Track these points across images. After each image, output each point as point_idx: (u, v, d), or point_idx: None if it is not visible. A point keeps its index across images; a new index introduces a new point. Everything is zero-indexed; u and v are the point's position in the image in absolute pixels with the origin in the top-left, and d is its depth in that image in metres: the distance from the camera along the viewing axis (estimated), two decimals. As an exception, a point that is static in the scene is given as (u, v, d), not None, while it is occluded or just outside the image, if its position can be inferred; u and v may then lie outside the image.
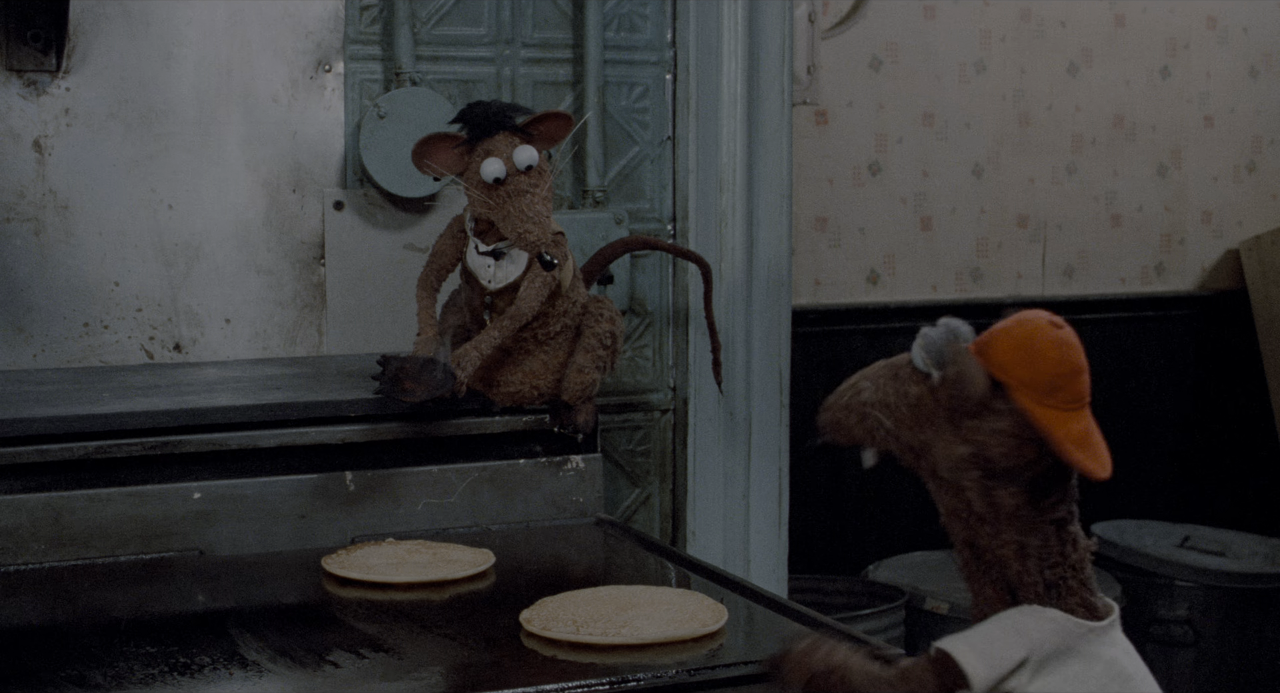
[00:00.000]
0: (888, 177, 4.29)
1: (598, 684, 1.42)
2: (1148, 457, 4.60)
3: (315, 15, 2.28)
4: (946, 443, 1.29)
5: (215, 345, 2.24)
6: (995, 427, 1.27)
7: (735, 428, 2.40)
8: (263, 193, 2.28)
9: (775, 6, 2.39)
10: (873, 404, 1.35)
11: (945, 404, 1.28)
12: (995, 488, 1.28)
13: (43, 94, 2.16)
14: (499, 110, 1.90)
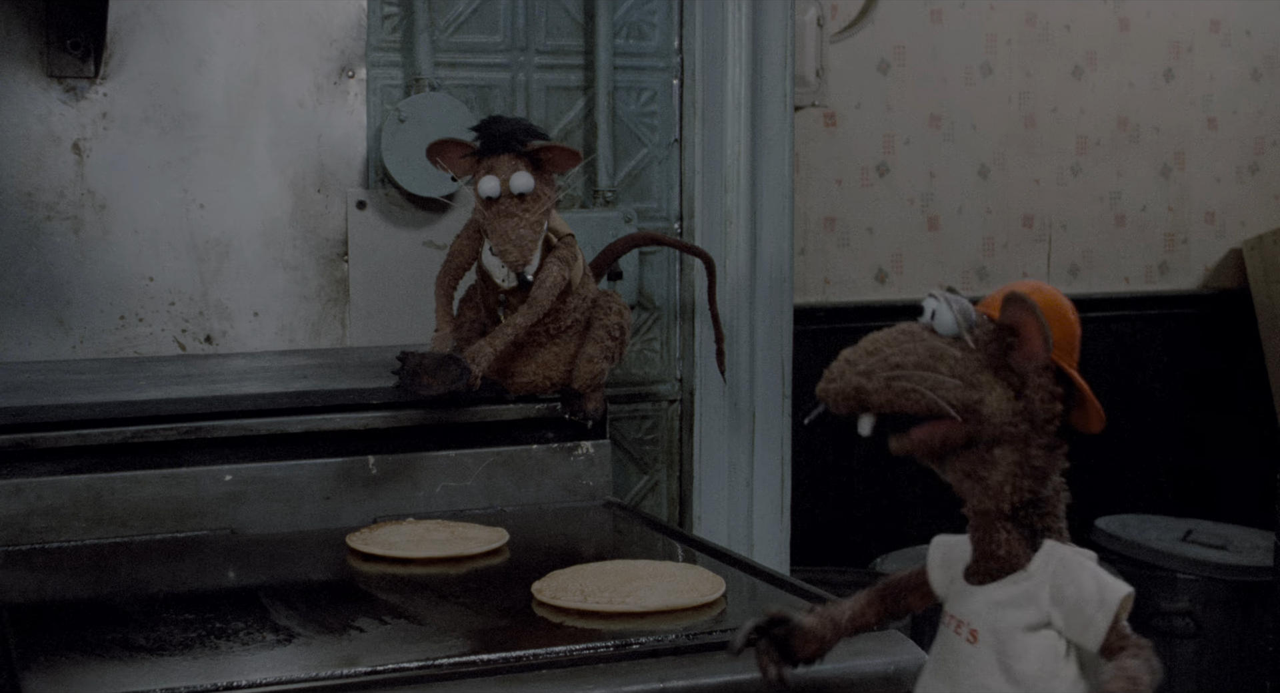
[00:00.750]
0: (895, 177, 4.37)
1: (602, 647, 1.54)
2: (1152, 452, 4.67)
3: (339, 24, 2.38)
4: (999, 399, 1.32)
5: (244, 338, 2.36)
6: (1040, 381, 1.32)
7: (739, 418, 2.52)
8: (289, 193, 2.38)
9: (778, 15, 2.50)
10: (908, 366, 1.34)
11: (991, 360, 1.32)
12: (1032, 441, 1.33)
13: (81, 99, 2.28)
14: (510, 132, 1.99)
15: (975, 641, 1.33)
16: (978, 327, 1.31)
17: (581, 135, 2.48)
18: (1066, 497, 1.35)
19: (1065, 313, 1.32)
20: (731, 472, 2.49)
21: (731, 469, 2.49)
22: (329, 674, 1.47)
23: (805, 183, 4.24)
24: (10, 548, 1.94)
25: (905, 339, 1.34)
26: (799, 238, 4.23)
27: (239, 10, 2.33)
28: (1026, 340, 1.30)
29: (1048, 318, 1.29)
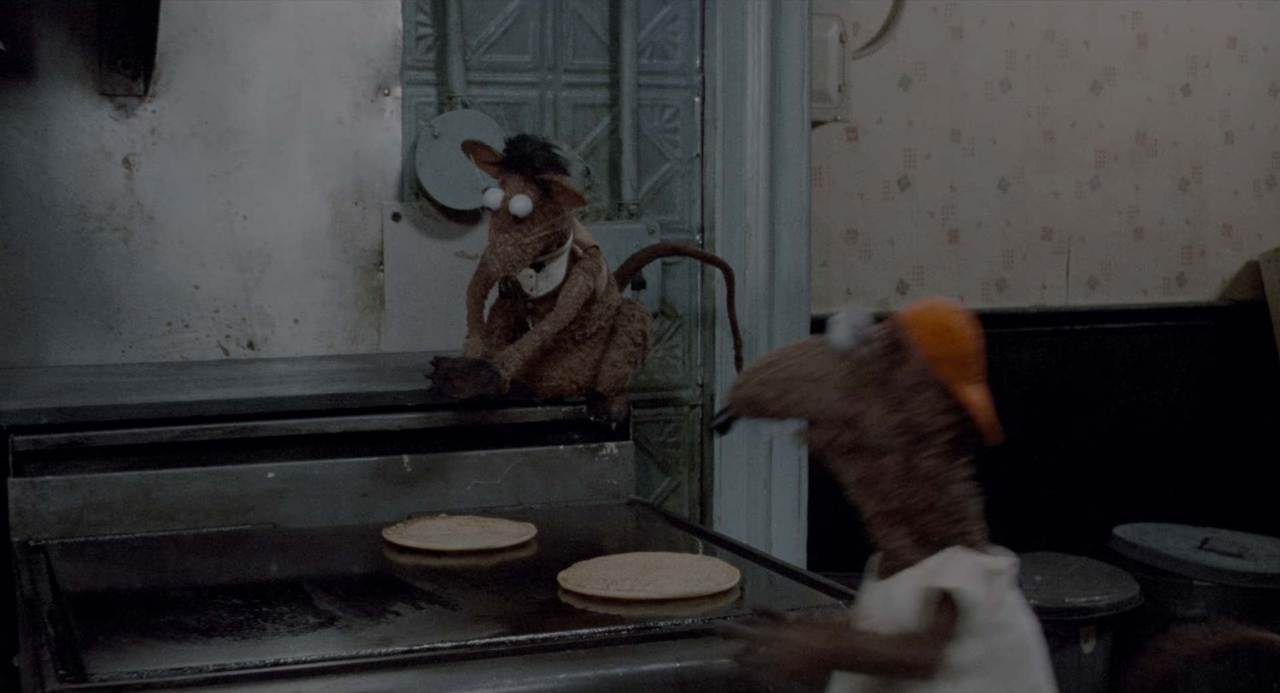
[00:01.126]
0: (916, 191, 4.42)
1: (623, 630, 1.66)
2: (1169, 461, 4.73)
3: (376, 44, 2.52)
4: (880, 412, 1.42)
5: (284, 343, 2.49)
6: (923, 396, 1.41)
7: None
8: (328, 205, 2.51)
9: (796, 34, 2.62)
10: (797, 378, 1.45)
11: (879, 375, 1.42)
12: (918, 452, 1.42)
13: (131, 116, 2.41)
14: (529, 155, 2.08)
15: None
16: (867, 344, 1.42)
17: (607, 150, 2.61)
18: (978, 502, 1.44)
19: (956, 332, 1.41)
20: (750, 473, 2.61)
21: (750, 471, 2.61)
22: (368, 654, 1.59)
23: (828, 196, 4.33)
24: (66, 540, 2.07)
25: (801, 353, 1.46)
26: (821, 250, 4.32)
27: (281, 32, 2.46)
28: (903, 357, 1.40)
29: (938, 337, 1.39)
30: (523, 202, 2.08)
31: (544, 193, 2.08)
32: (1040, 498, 4.60)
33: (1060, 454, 4.61)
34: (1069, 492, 4.63)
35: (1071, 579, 4.11)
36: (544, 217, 2.10)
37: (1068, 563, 4.27)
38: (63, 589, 1.85)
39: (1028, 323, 4.53)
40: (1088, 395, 4.64)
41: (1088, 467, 4.65)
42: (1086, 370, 4.63)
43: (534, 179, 2.09)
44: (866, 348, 1.43)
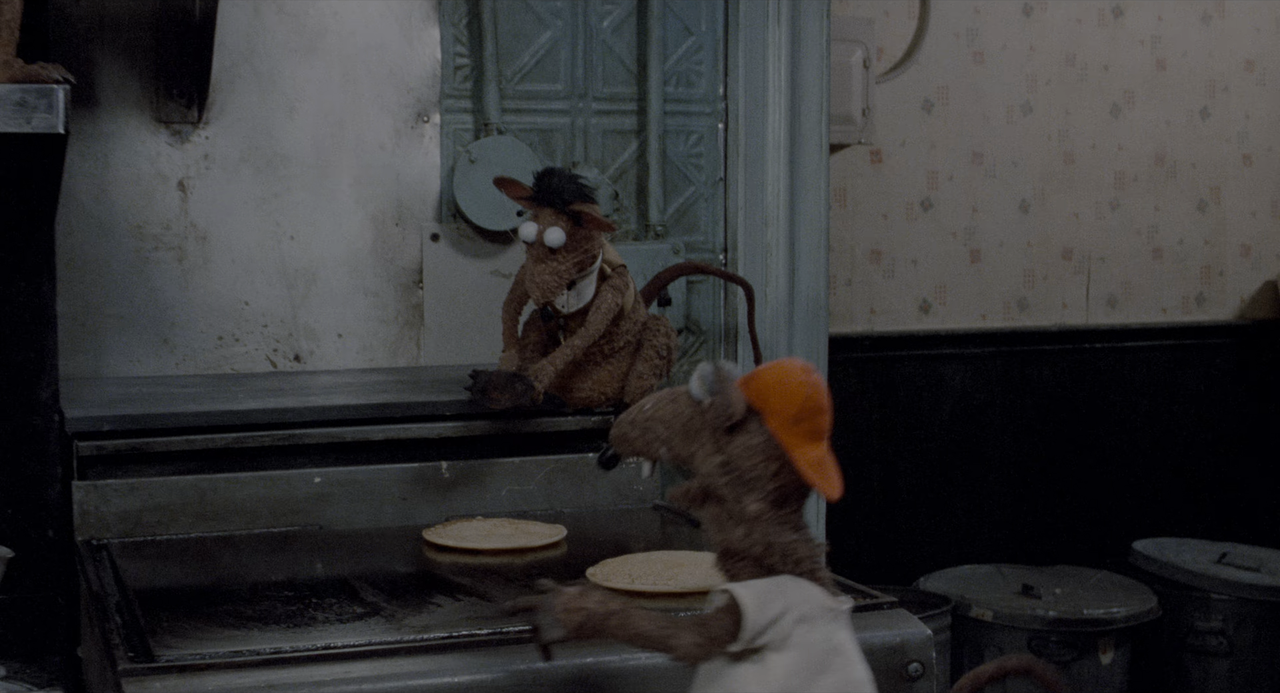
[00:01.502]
0: (939, 212, 4.58)
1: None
2: (1189, 477, 4.85)
3: (416, 74, 2.67)
4: (706, 453, 1.55)
5: (329, 356, 2.64)
6: (747, 443, 1.53)
7: (778, 433, 2.78)
8: (370, 226, 2.67)
9: (814, 64, 2.77)
10: (654, 420, 1.61)
11: (710, 422, 1.55)
12: (744, 495, 1.54)
13: (186, 142, 2.58)
14: (559, 189, 2.21)
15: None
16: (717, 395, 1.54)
17: (635, 174, 2.76)
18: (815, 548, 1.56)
19: (791, 391, 1.53)
20: (771, 482, 2.76)
21: (771, 480, 2.76)
22: (410, 639, 1.74)
23: (852, 217, 4.47)
24: (126, 540, 2.22)
25: (668, 400, 1.61)
26: (846, 269, 4.46)
27: (326, 62, 2.63)
28: (720, 403, 1.53)
29: (771, 394, 1.52)
30: (556, 234, 2.23)
31: (575, 222, 2.22)
32: (1061, 512, 4.72)
33: (1081, 470, 4.74)
34: (1090, 506, 4.75)
35: (1091, 592, 4.24)
36: (576, 244, 2.24)
37: (1087, 576, 4.40)
38: (126, 583, 2.00)
39: (1048, 341, 4.67)
40: (1108, 412, 4.77)
41: (1108, 482, 4.78)
42: (1107, 388, 4.76)
43: (564, 211, 2.23)
44: (715, 397, 1.54)
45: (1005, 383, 4.64)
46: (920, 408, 4.56)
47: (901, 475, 4.54)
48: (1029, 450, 4.69)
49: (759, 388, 1.54)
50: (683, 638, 1.54)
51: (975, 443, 4.63)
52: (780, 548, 1.54)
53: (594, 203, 2.24)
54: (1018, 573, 4.37)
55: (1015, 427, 4.67)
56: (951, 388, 4.59)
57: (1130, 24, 4.71)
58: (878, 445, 4.52)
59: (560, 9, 2.71)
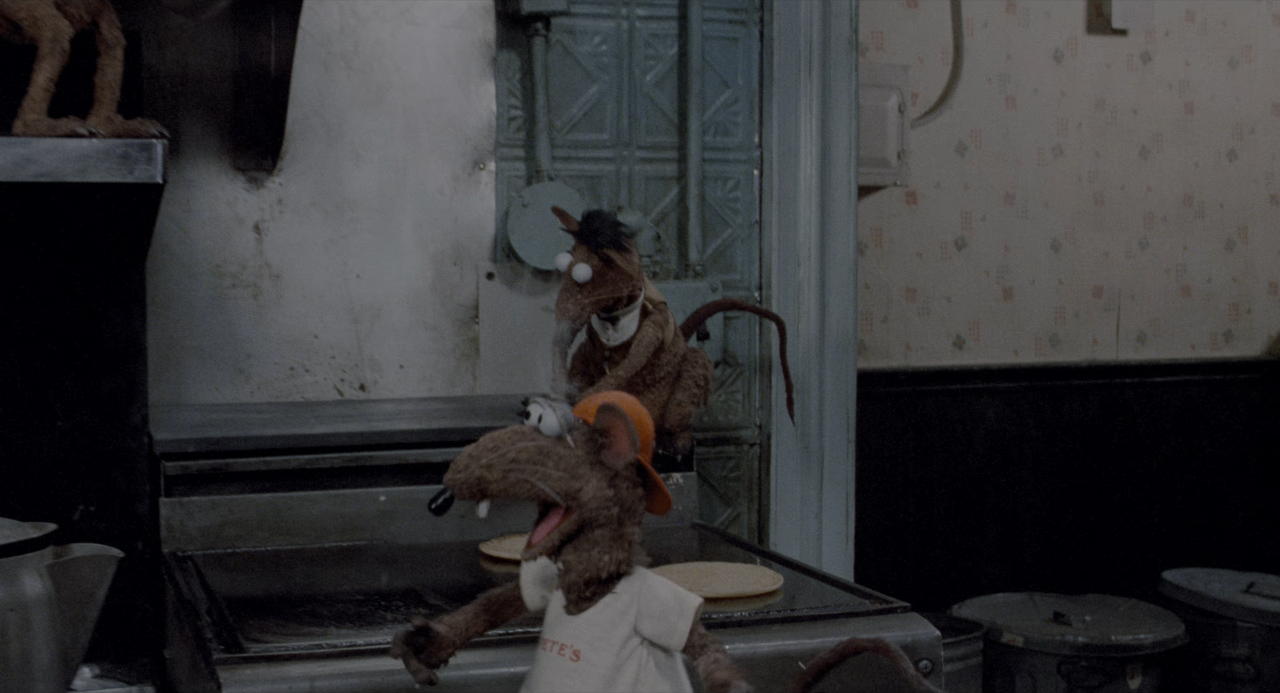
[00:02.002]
0: (972, 251, 4.70)
1: (683, 620, 2.03)
2: (1218, 509, 4.97)
3: (473, 125, 2.86)
4: (596, 489, 1.59)
5: (391, 386, 2.83)
6: (626, 474, 1.61)
7: (810, 459, 2.99)
8: (430, 266, 2.85)
9: (844, 115, 2.98)
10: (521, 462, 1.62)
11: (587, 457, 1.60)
12: (626, 521, 1.62)
13: (261, 188, 2.77)
14: (596, 231, 2.37)
15: (578, 659, 1.61)
16: (576, 429, 1.61)
17: (675, 217, 2.97)
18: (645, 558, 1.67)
19: (644, 418, 1.63)
20: (803, 505, 2.97)
21: (803, 503, 2.97)
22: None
23: (888, 256, 4.60)
24: (208, 552, 2.45)
25: (519, 438, 1.62)
26: (882, 306, 4.62)
27: (390, 114, 2.82)
28: (616, 442, 1.59)
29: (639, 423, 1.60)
30: (583, 270, 2.40)
31: (605, 263, 2.40)
32: (1093, 543, 4.84)
33: (1112, 501, 4.86)
34: (1120, 537, 4.87)
35: (1120, 619, 4.39)
36: (602, 283, 2.40)
37: (1117, 604, 4.55)
38: (213, 589, 2.22)
39: (1079, 376, 4.81)
40: (1138, 446, 4.89)
41: (1138, 513, 4.90)
42: (1136, 422, 4.89)
43: (596, 252, 2.40)
44: (577, 432, 1.61)
45: (1037, 417, 4.78)
46: (954, 441, 4.71)
47: (936, 506, 4.69)
48: (1061, 482, 4.82)
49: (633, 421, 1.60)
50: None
51: (1008, 475, 4.77)
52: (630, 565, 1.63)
53: (626, 251, 2.40)
54: (1049, 601, 4.52)
55: (1047, 459, 4.80)
56: (985, 422, 4.74)
57: (1159, 69, 4.86)
58: (913, 477, 4.68)
59: (606, 64, 2.91)
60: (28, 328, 2.43)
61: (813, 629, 2.02)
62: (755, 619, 2.03)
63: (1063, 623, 4.30)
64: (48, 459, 2.44)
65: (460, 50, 2.85)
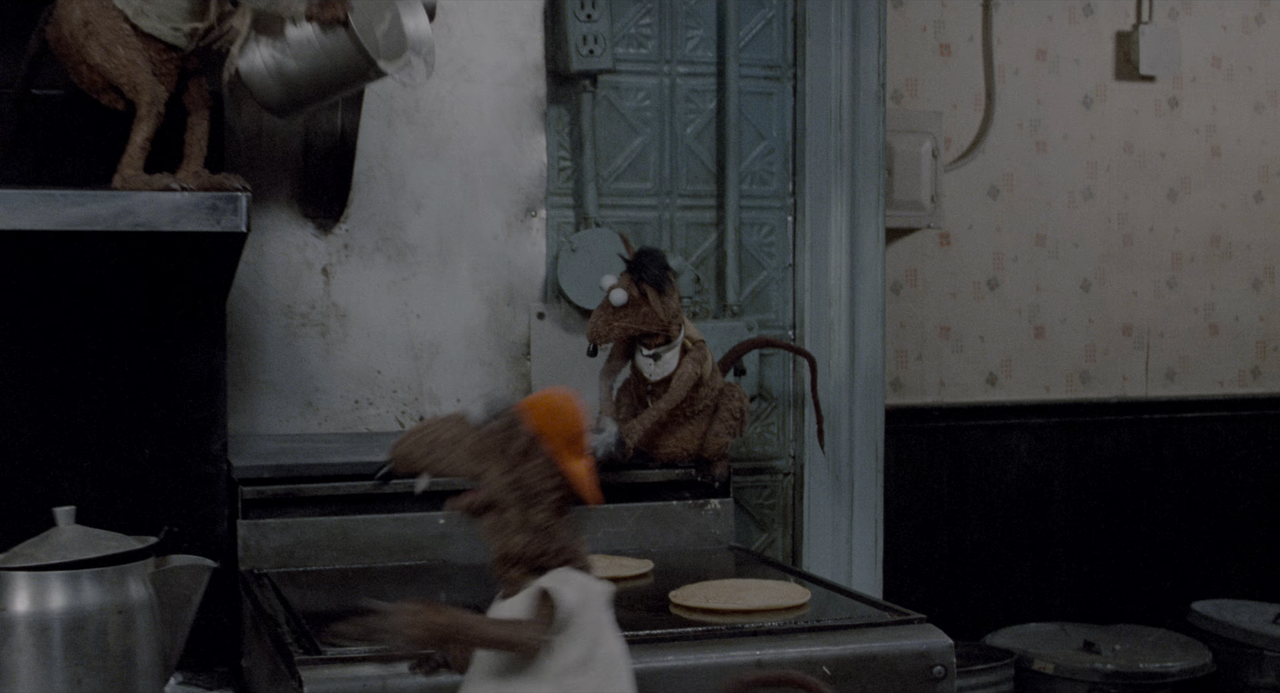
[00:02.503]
0: (1005, 291, 4.83)
1: (717, 628, 2.25)
2: (1246, 542, 5.08)
3: (525, 175, 3.03)
4: (496, 473, 1.75)
5: None
6: (531, 463, 1.74)
7: (840, 487, 3.21)
8: (485, 306, 3.02)
9: (872, 164, 3.19)
10: (440, 442, 1.79)
11: (497, 444, 1.75)
12: (530, 507, 1.75)
13: (329, 234, 2.96)
14: (646, 265, 2.62)
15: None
16: (497, 419, 1.76)
17: (714, 261, 3.16)
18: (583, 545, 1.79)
19: (564, 414, 1.76)
20: (834, 531, 3.19)
21: (834, 529, 3.19)
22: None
23: (922, 296, 4.75)
24: (282, 569, 2.67)
25: (449, 424, 1.80)
26: (917, 344, 4.76)
27: (448, 165, 3.01)
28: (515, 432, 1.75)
29: (548, 417, 1.75)
30: (620, 294, 2.63)
31: (641, 297, 2.62)
32: (1123, 575, 4.96)
33: (1141, 534, 4.97)
34: (1150, 569, 4.98)
35: (1148, 648, 4.52)
36: (633, 314, 2.63)
37: (1146, 634, 4.69)
38: (289, 602, 2.46)
39: (1109, 412, 4.92)
40: (1167, 480, 5.01)
41: (1167, 546, 5.00)
42: (1165, 457, 5.02)
43: (638, 284, 2.64)
44: (495, 422, 1.77)
45: (1068, 452, 4.92)
46: (987, 475, 4.86)
47: (970, 538, 4.83)
48: (1091, 516, 4.96)
49: (539, 415, 1.76)
50: (524, 631, 1.72)
51: (1040, 508, 4.91)
52: (556, 550, 1.77)
53: (664, 293, 2.62)
54: (1080, 631, 4.65)
55: (1078, 493, 4.95)
56: (1017, 456, 4.88)
57: (1186, 114, 5.00)
58: (948, 510, 4.83)
59: (649, 118, 3.12)
60: (120, 363, 2.67)
61: (836, 638, 2.24)
62: (784, 629, 2.26)
63: (1092, 651, 4.45)
64: (137, 484, 2.67)
65: (514, 106, 3.06)
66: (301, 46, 2.44)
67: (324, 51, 2.43)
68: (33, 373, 2.61)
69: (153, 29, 2.38)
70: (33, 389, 2.62)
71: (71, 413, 2.63)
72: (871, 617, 2.33)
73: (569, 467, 1.76)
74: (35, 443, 2.61)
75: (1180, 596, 4.95)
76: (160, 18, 2.37)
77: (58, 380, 2.63)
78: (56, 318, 2.63)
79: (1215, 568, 5.09)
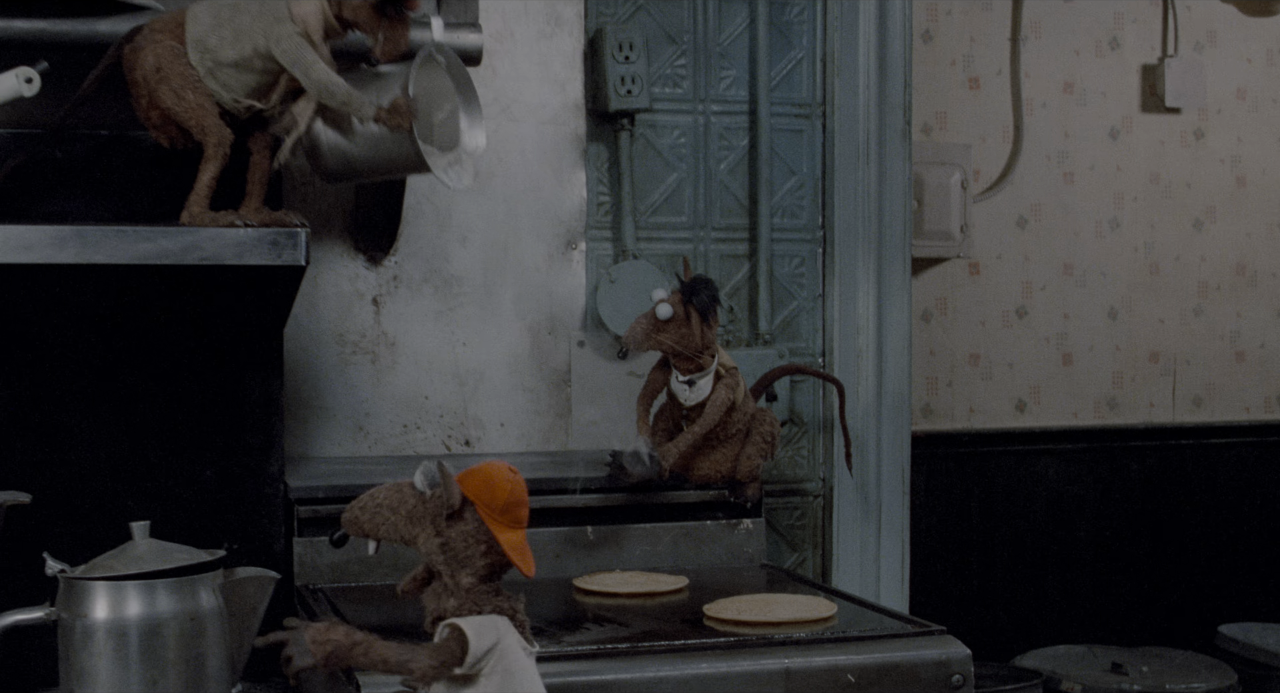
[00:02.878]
0: (1033, 319, 4.94)
1: (748, 638, 2.40)
2: (1272, 566, 5.16)
3: (566, 209, 3.16)
4: (427, 537, 1.86)
5: (493, 442, 3.13)
6: (463, 529, 1.85)
7: (868, 509, 3.36)
8: (528, 335, 3.14)
9: (898, 199, 3.34)
10: (383, 507, 1.91)
11: (431, 510, 1.86)
12: (459, 570, 1.85)
13: (379, 266, 3.08)
14: (699, 289, 2.75)
15: None
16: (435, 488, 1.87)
17: (747, 292, 3.29)
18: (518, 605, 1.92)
19: (499, 485, 1.86)
20: (862, 550, 3.34)
21: (862, 548, 3.34)
22: (570, 650, 2.33)
23: (952, 324, 4.87)
24: (335, 585, 2.83)
25: (395, 491, 1.93)
26: (947, 372, 4.88)
27: (492, 201, 3.16)
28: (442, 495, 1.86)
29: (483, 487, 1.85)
30: (666, 309, 2.76)
31: (686, 318, 2.77)
32: (1150, 598, 5.04)
33: (1169, 558, 5.06)
34: (1177, 592, 5.07)
35: (1175, 670, 4.57)
36: (674, 330, 2.76)
37: (1174, 656, 4.75)
38: (345, 615, 2.62)
39: (1137, 438, 5.01)
40: (1194, 505, 5.10)
41: (1195, 569, 5.08)
42: (1192, 482, 5.10)
43: (685, 303, 2.78)
44: (434, 490, 1.89)
45: (1096, 477, 5.03)
46: (1017, 499, 4.97)
47: (1000, 561, 4.94)
48: (1120, 540, 5.06)
49: (474, 484, 1.87)
50: (420, 661, 1.84)
51: (1068, 532, 5.02)
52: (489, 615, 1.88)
53: (706, 320, 2.77)
54: (1109, 653, 4.71)
55: (1106, 518, 5.05)
56: (1046, 481, 4.99)
57: (1211, 145, 5.10)
58: (978, 534, 4.94)
59: (684, 155, 3.24)
60: (184, 389, 2.83)
61: (860, 648, 2.39)
62: (810, 639, 2.41)
63: (1120, 673, 4.54)
64: (199, 504, 2.82)
65: (555, 144, 3.19)
66: (361, 136, 2.61)
67: (382, 144, 2.60)
68: (106, 399, 2.79)
69: (214, 92, 2.52)
70: (106, 414, 2.79)
71: (142, 436, 2.79)
72: (894, 629, 2.48)
73: (501, 536, 1.85)
74: (109, 464, 2.78)
75: (1207, 618, 5.03)
76: (224, 86, 2.52)
77: (129, 406, 2.80)
78: (126, 346, 2.79)
79: (1242, 591, 5.17)
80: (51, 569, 2.23)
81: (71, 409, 2.78)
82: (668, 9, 3.26)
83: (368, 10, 2.53)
